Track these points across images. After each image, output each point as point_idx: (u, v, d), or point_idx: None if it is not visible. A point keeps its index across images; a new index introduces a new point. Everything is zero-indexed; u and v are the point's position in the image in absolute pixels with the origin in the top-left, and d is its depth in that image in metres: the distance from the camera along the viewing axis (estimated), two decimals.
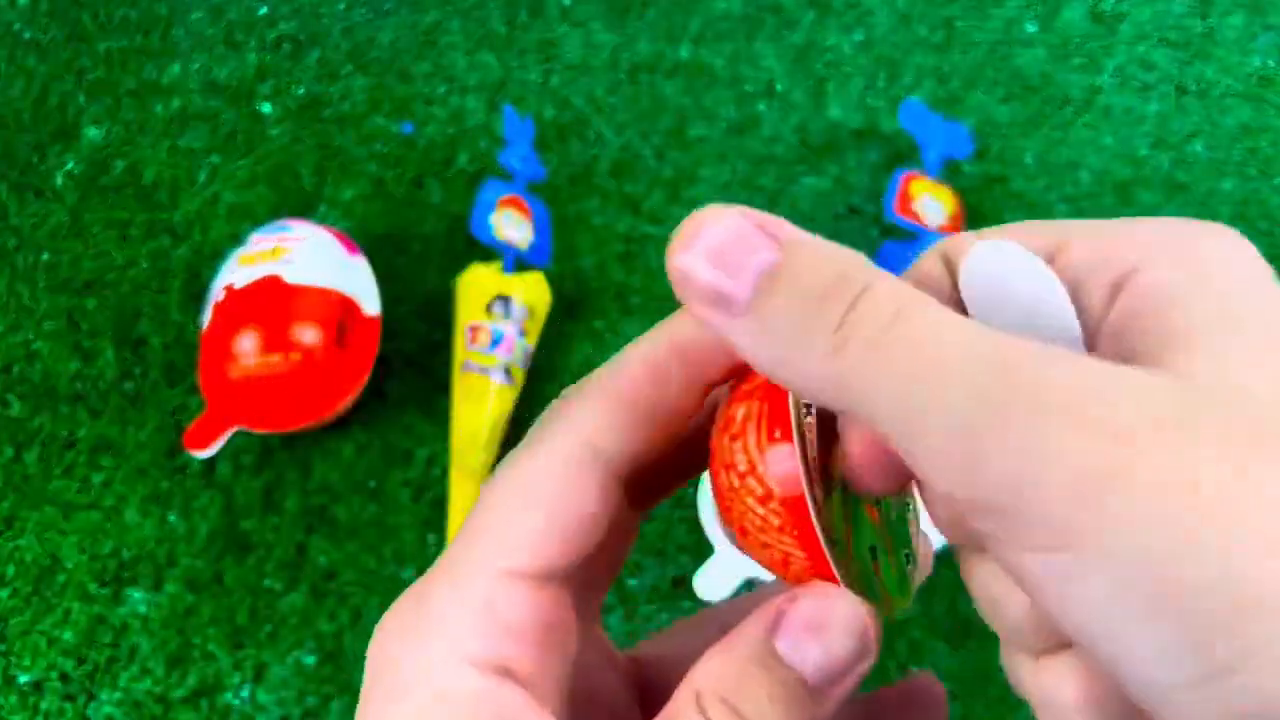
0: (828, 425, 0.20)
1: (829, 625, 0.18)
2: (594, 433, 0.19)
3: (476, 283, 0.60)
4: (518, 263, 0.60)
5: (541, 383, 0.61)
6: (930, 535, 0.22)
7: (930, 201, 0.61)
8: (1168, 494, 0.13)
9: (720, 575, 0.55)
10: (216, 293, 0.57)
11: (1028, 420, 0.14)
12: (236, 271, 0.57)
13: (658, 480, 0.21)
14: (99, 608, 0.57)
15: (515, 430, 0.59)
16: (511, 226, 0.61)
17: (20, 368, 0.63)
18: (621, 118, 0.69)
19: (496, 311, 0.59)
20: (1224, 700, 0.13)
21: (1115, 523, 0.14)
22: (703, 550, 0.56)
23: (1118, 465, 0.14)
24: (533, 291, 0.60)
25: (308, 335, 0.55)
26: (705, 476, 0.21)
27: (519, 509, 0.18)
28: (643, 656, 0.24)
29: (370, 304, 0.59)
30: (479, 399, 0.58)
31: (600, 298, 0.63)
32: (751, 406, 0.20)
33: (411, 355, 0.62)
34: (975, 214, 0.64)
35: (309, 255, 0.58)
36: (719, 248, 0.17)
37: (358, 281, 0.59)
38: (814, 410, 0.20)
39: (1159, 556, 0.13)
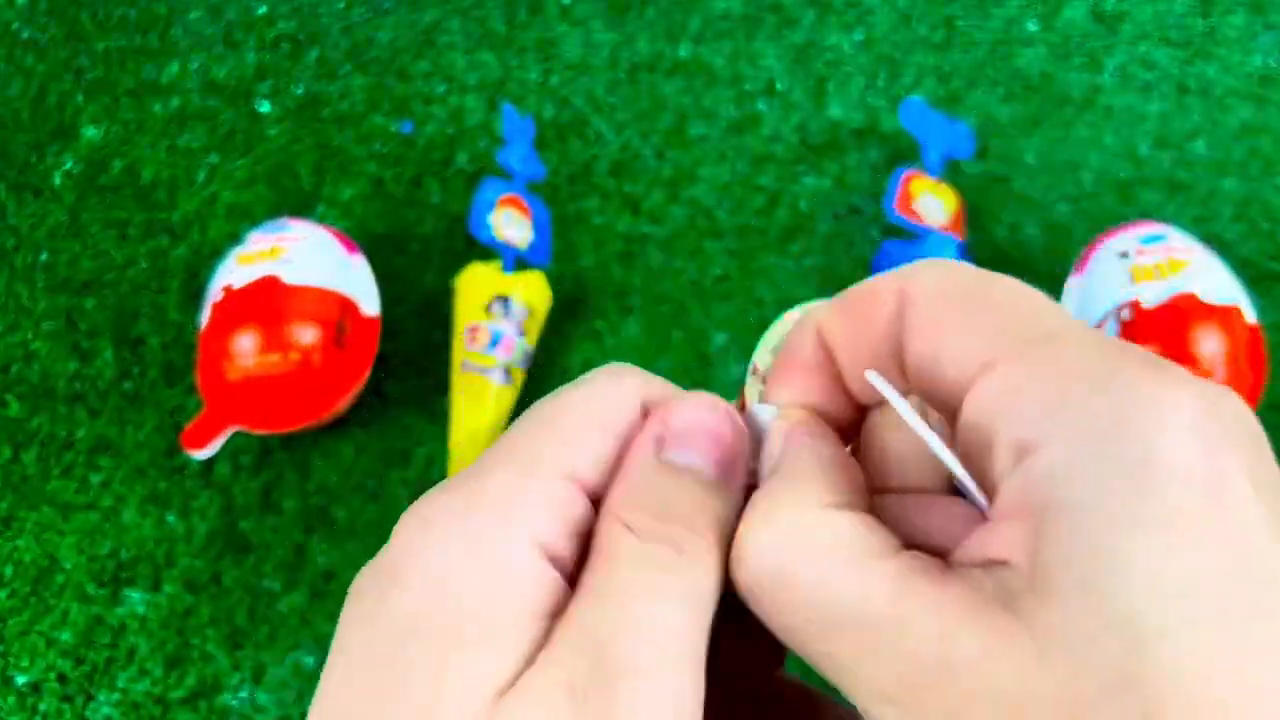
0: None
1: (703, 424, 0.19)
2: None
3: (476, 282, 0.60)
4: (517, 262, 0.60)
5: (541, 383, 0.61)
6: None
7: (931, 201, 0.61)
8: None
9: None
10: (215, 292, 0.57)
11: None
12: (235, 271, 0.57)
13: None
14: (97, 608, 0.57)
15: None
16: (511, 226, 0.60)
17: (19, 368, 0.63)
18: (621, 117, 0.69)
19: (496, 311, 0.59)
20: None
21: None
22: None
23: None
24: (532, 291, 0.60)
25: (306, 335, 0.55)
26: None
27: (591, 427, 0.19)
28: None
29: (369, 304, 0.59)
30: (478, 399, 0.58)
31: (600, 297, 0.63)
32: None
33: (411, 355, 0.62)
34: (976, 213, 0.64)
35: (308, 255, 0.58)
36: None
37: (357, 281, 0.59)
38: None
39: None
